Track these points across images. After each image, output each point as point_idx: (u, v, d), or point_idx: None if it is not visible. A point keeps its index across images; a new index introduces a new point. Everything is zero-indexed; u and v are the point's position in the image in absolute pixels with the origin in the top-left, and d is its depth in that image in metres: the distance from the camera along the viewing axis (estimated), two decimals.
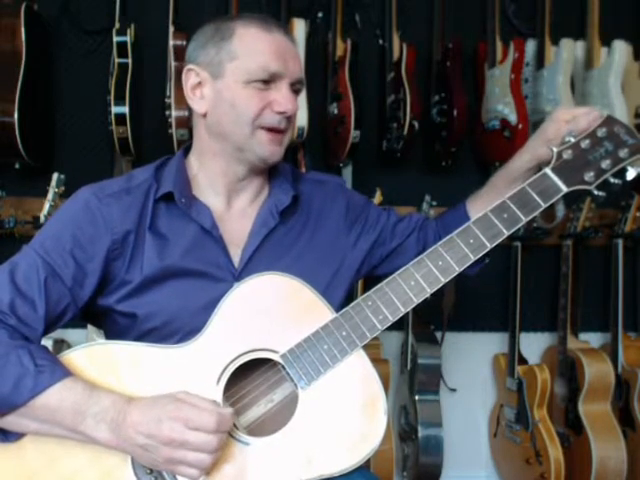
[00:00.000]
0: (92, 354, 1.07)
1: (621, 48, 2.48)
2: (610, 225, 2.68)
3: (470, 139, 2.65)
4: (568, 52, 2.48)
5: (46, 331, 1.10)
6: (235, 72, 1.16)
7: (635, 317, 2.75)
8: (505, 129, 2.47)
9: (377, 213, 1.38)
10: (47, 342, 2.26)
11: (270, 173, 1.29)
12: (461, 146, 2.55)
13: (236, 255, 1.19)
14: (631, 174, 1.13)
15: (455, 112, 2.46)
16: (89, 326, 2.19)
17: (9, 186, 2.33)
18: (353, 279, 1.28)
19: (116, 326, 1.18)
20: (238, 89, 1.16)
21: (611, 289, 2.64)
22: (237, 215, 1.24)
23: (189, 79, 1.21)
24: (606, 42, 2.54)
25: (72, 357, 1.06)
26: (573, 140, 1.13)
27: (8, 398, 0.99)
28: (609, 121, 1.15)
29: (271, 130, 1.17)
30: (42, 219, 2.22)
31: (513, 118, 2.44)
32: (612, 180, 1.13)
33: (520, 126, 2.42)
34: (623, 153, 1.12)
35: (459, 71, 2.54)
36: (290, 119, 1.19)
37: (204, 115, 1.20)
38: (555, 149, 1.13)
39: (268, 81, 1.16)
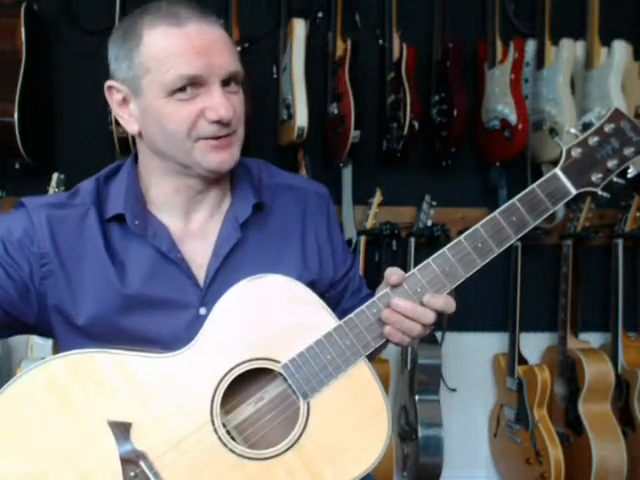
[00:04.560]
0: (73, 364, 0.99)
1: (621, 48, 2.47)
2: (610, 225, 2.68)
3: (470, 139, 2.65)
4: (568, 52, 2.48)
5: None
6: (152, 87, 1.01)
7: (635, 317, 2.75)
8: (505, 129, 2.47)
9: (344, 253, 1.27)
10: (47, 342, 2.26)
11: (232, 178, 1.16)
12: (461, 146, 2.55)
13: (200, 275, 1.10)
14: (632, 173, 1.13)
15: (455, 112, 2.46)
16: None
17: (9, 186, 2.34)
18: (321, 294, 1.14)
19: (77, 343, 1.06)
20: (161, 105, 1.01)
21: (611, 289, 2.64)
22: (198, 232, 1.12)
23: (112, 96, 1.08)
24: (606, 42, 2.54)
25: (51, 366, 0.99)
26: (581, 137, 1.12)
27: None
28: (616, 115, 1.12)
29: (212, 138, 1.03)
30: None
31: (513, 118, 2.44)
32: (615, 180, 1.13)
33: (520, 126, 2.42)
34: (628, 151, 1.11)
35: (459, 71, 2.54)
36: (232, 122, 1.03)
37: (139, 134, 1.08)
38: (564, 147, 1.11)
39: (192, 87, 1.00)
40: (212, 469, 1.00)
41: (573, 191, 1.09)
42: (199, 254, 1.11)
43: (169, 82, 1.00)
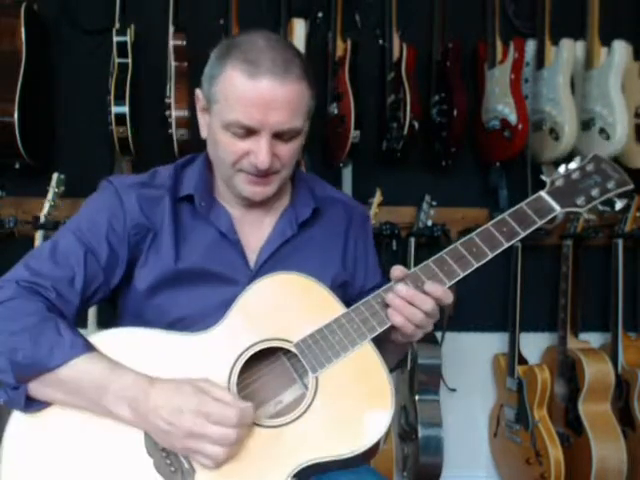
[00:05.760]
0: (109, 338, 1.12)
1: (621, 48, 2.48)
2: (610, 225, 2.68)
3: (470, 139, 2.65)
4: (568, 52, 2.48)
5: (80, 308, 1.15)
6: (216, 115, 1.16)
7: (635, 317, 2.75)
8: (505, 129, 2.47)
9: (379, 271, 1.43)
10: None
11: (294, 180, 1.32)
12: (461, 146, 2.55)
13: (252, 258, 1.25)
14: (619, 205, 1.26)
15: (455, 112, 2.46)
16: (89, 326, 2.20)
17: (9, 186, 2.33)
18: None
19: (131, 321, 1.22)
20: (220, 131, 1.16)
21: (611, 289, 2.64)
22: (256, 221, 1.28)
23: (198, 101, 1.24)
24: (606, 42, 2.54)
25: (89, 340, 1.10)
26: (563, 173, 1.25)
27: (41, 361, 1.03)
28: (596, 159, 1.26)
29: (251, 174, 1.18)
30: (42, 219, 2.23)
31: (513, 118, 2.44)
32: (601, 208, 1.26)
33: (520, 126, 2.43)
34: (610, 185, 1.24)
35: (459, 71, 2.54)
36: (271, 168, 1.17)
37: (205, 139, 1.24)
38: (548, 179, 1.25)
39: (245, 132, 1.14)
40: None
41: (558, 209, 1.23)
42: (254, 240, 1.26)
43: (227, 121, 1.14)
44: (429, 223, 2.54)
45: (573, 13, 2.66)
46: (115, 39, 2.31)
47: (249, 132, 1.14)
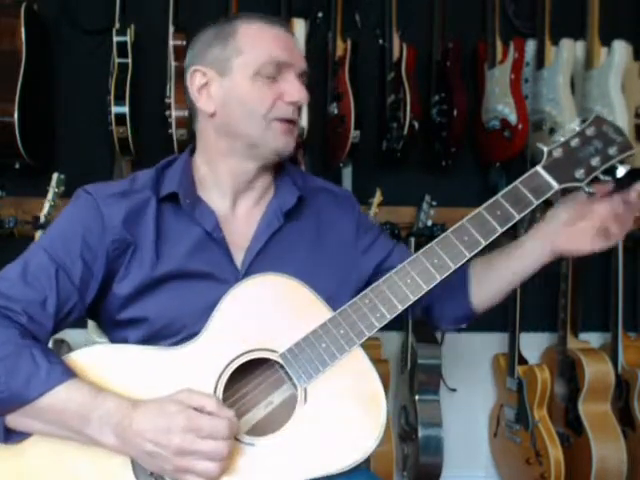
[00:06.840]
0: (90, 356, 1.07)
1: (621, 48, 2.48)
2: None
3: (470, 139, 2.65)
4: (568, 52, 2.48)
5: (54, 330, 1.10)
6: (243, 67, 1.15)
7: (635, 317, 2.75)
8: (505, 129, 2.47)
9: (387, 239, 1.38)
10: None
11: (276, 172, 1.27)
12: (461, 146, 2.55)
13: (239, 257, 1.18)
14: (621, 172, 1.16)
15: (455, 112, 2.47)
16: (89, 326, 2.19)
17: (9, 186, 2.33)
18: (357, 290, 1.19)
19: (119, 331, 1.18)
20: (247, 84, 1.15)
21: (611, 289, 2.64)
22: (242, 217, 1.23)
23: (195, 80, 1.19)
24: (606, 42, 2.54)
25: (70, 359, 1.06)
26: (562, 139, 1.16)
27: (19, 394, 0.99)
28: (598, 120, 1.17)
29: (284, 121, 1.17)
30: (42, 219, 2.23)
31: (513, 118, 2.44)
32: (602, 177, 1.16)
33: (520, 126, 2.42)
34: (612, 151, 1.14)
35: (459, 71, 2.54)
36: (300, 109, 1.20)
37: (212, 115, 1.19)
38: (545, 148, 1.15)
39: (275, 73, 1.16)
40: None
41: (555, 185, 1.14)
42: (241, 237, 1.20)
43: (261, 63, 1.15)
44: (429, 223, 2.54)
45: (573, 13, 2.66)
46: (115, 39, 2.32)
47: (279, 71, 1.16)
